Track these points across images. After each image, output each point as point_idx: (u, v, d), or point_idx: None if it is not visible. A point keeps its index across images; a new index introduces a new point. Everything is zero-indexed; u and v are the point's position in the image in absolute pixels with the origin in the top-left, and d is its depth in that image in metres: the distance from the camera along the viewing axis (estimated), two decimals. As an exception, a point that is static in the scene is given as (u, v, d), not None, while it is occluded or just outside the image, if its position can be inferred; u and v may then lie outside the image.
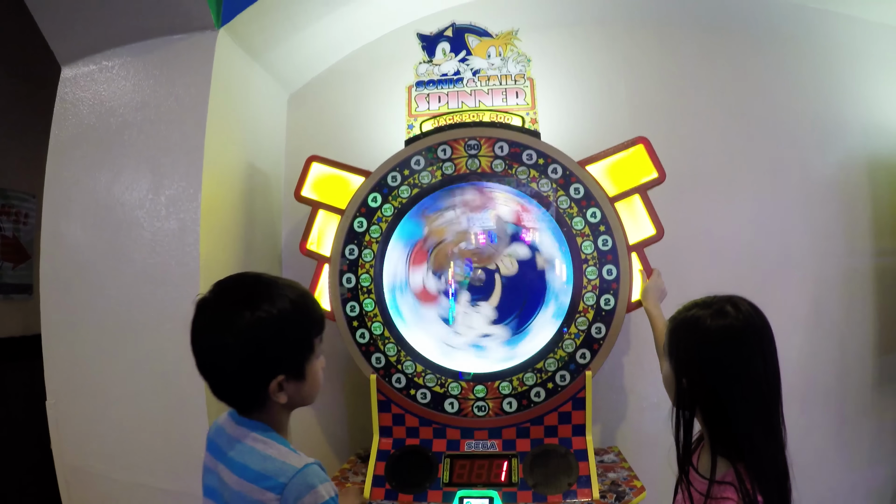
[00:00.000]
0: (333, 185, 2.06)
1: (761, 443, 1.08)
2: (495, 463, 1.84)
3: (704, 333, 1.13)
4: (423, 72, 2.07)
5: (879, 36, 2.40)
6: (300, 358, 1.10)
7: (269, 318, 1.04)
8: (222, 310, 1.06)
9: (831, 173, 2.41)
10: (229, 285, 1.10)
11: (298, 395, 1.11)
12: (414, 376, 1.91)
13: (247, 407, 1.10)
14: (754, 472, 1.07)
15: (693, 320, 1.16)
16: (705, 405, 1.14)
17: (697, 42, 2.48)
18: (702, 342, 1.14)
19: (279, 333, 1.05)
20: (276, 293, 1.07)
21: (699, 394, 1.14)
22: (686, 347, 1.17)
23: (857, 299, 2.38)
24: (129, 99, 2.07)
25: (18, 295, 3.07)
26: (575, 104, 2.45)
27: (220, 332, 1.04)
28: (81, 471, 2.05)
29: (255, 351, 1.03)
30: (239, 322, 1.02)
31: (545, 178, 1.91)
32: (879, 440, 2.37)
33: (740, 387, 1.10)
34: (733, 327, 1.11)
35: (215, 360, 1.06)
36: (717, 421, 1.13)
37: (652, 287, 1.86)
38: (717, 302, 1.16)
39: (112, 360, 2.00)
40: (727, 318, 1.12)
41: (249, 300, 1.05)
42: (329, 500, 1.02)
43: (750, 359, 1.11)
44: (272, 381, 1.05)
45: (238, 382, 1.07)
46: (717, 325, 1.12)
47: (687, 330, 1.17)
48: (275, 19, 2.18)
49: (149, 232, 1.98)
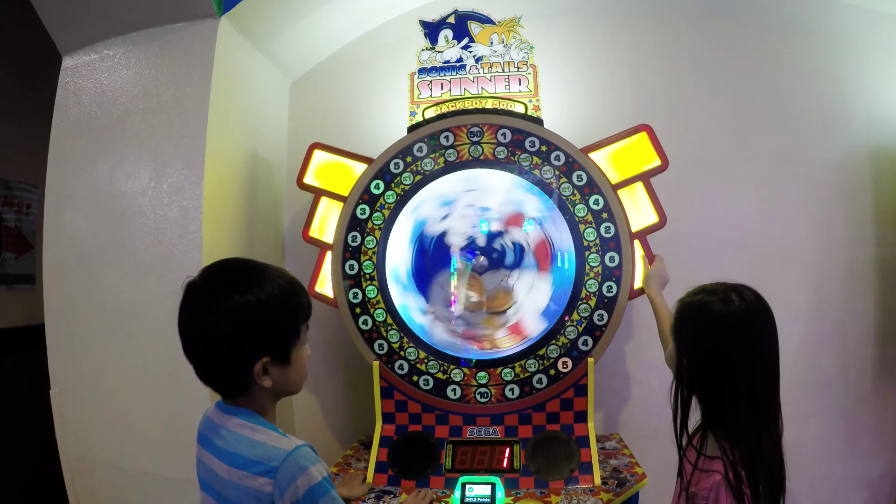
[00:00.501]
0: (336, 172, 2.06)
1: (750, 428, 1.13)
2: (497, 449, 1.85)
3: (707, 318, 1.18)
4: (425, 59, 2.07)
5: (883, 25, 2.38)
6: (286, 342, 1.10)
7: (257, 302, 1.04)
8: (211, 293, 1.06)
9: (834, 163, 2.41)
10: (217, 270, 1.11)
11: (284, 380, 1.11)
12: (416, 363, 1.92)
13: (232, 391, 1.10)
14: (740, 454, 1.11)
15: (698, 305, 1.21)
16: (702, 385, 1.20)
17: (700, 30, 2.47)
18: (704, 326, 1.19)
19: (266, 317, 1.05)
20: (264, 278, 1.08)
21: (697, 374, 1.20)
22: (689, 330, 1.22)
23: (858, 289, 2.39)
24: (131, 88, 2.06)
25: (21, 285, 3.08)
26: (578, 91, 2.44)
27: (207, 315, 1.04)
28: (86, 459, 2.06)
29: (242, 332, 1.03)
30: (227, 304, 1.03)
31: (548, 165, 1.91)
32: (880, 430, 2.38)
33: (736, 373, 1.14)
34: (735, 315, 1.16)
35: (203, 341, 1.06)
36: (712, 401, 1.18)
37: (654, 274, 1.86)
38: (723, 289, 1.20)
39: (115, 349, 2.01)
40: (731, 305, 1.17)
41: (237, 284, 1.05)
42: (322, 479, 1.02)
43: (748, 347, 1.15)
44: (257, 363, 1.05)
45: (225, 365, 1.07)
46: (720, 312, 1.17)
47: (691, 313, 1.22)
48: (276, 7, 2.18)
49: (151, 220, 1.98)
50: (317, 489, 1.01)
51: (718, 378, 1.16)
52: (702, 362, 1.19)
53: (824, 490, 2.34)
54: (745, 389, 1.14)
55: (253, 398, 1.10)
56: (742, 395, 1.13)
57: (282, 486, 0.99)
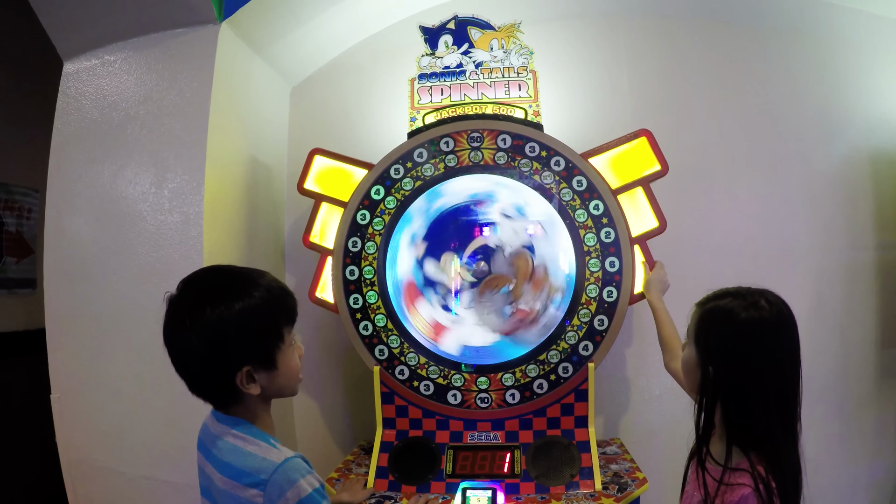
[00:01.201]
0: (336, 177, 2.06)
1: (780, 436, 1.09)
2: (498, 454, 1.85)
3: (737, 325, 1.12)
4: (425, 64, 2.07)
5: (883, 29, 2.39)
6: (268, 348, 1.07)
7: (230, 313, 1.02)
8: (185, 307, 1.04)
9: (834, 167, 2.41)
10: (193, 281, 1.09)
11: (273, 384, 1.09)
12: (417, 368, 1.92)
13: (222, 402, 1.09)
14: (770, 464, 1.07)
15: (726, 310, 1.14)
16: (728, 394, 1.13)
17: (700, 35, 2.48)
18: (733, 333, 1.13)
19: (243, 326, 1.03)
20: (240, 286, 1.06)
21: (725, 383, 1.13)
22: (716, 336, 1.15)
23: (858, 293, 2.39)
24: (132, 93, 2.07)
25: (22, 290, 3.08)
26: (577, 97, 2.45)
27: (181, 330, 1.03)
28: (86, 464, 2.05)
29: (216, 347, 1.02)
30: (199, 319, 1.01)
31: (548, 170, 1.91)
32: (881, 434, 2.38)
33: (767, 381, 1.09)
34: (767, 321, 1.11)
35: (182, 358, 1.05)
36: (738, 411, 1.12)
37: (655, 279, 1.86)
38: (750, 294, 1.15)
39: (116, 353, 2.01)
40: (762, 311, 1.12)
41: (211, 295, 1.03)
42: (312, 492, 1.00)
43: (780, 354, 1.11)
44: (238, 373, 1.04)
45: (206, 379, 1.06)
46: (750, 318, 1.11)
47: (718, 319, 1.16)
48: (277, 13, 2.18)
49: (152, 225, 1.99)
50: (306, 502, 1.00)
51: (748, 387, 1.10)
52: (731, 370, 1.12)
53: (825, 494, 2.33)
54: (774, 397, 1.09)
55: (244, 406, 1.09)
56: (772, 404, 1.09)
57: (272, 499, 0.98)
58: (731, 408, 1.13)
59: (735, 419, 1.13)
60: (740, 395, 1.12)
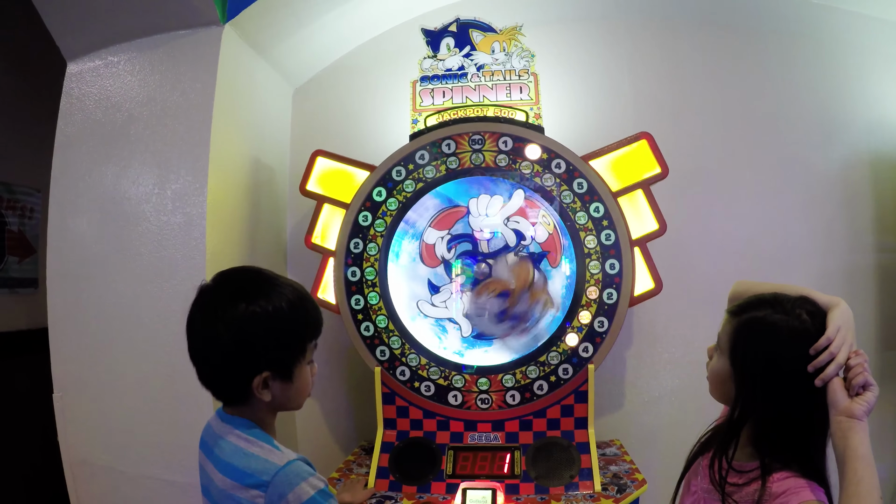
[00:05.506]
0: (338, 179, 2.07)
1: (816, 453, 1.06)
2: (498, 455, 1.85)
3: (780, 339, 1.07)
4: (427, 67, 2.08)
5: (883, 32, 2.39)
6: (289, 359, 1.09)
7: (263, 314, 1.03)
8: (219, 299, 1.06)
9: (834, 170, 2.41)
10: (231, 276, 1.11)
11: (284, 396, 1.10)
12: (418, 369, 1.93)
13: (230, 399, 1.11)
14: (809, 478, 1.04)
15: (768, 323, 1.08)
16: (767, 407, 1.08)
17: (701, 38, 2.48)
18: (776, 347, 1.07)
19: (270, 330, 1.05)
20: (274, 290, 1.07)
21: (762, 399, 1.08)
22: (757, 350, 1.09)
23: (859, 296, 2.38)
24: (135, 94, 2.08)
25: (24, 289, 3.09)
26: (578, 99, 2.46)
27: (212, 321, 1.04)
28: (88, 463, 2.06)
29: (243, 344, 1.03)
30: (232, 313, 1.03)
31: (549, 172, 1.92)
32: (881, 437, 2.38)
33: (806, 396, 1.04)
34: (809, 334, 1.05)
35: (204, 347, 1.07)
36: (772, 424, 1.08)
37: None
38: (789, 302, 1.10)
39: (118, 353, 2.02)
40: (804, 323, 1.06)
41: (247, 293, 1.05)
42: (315, 494, 1.00)
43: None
44: (256, 377, 1.05)
45: (223, 373, 1.07)
46: (794, 330, 1.06)
47: (759, 332, 1.10)
48: (280, 14, 2.19)
49: (155, 226, 2.00)
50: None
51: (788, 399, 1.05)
52: (773, 386, 1.06)
53: (825, 497, 2.33)
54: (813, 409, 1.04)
55: (252, 409, 1.10)
56: (814, 420, 1.04)
57: (273, 501, 0.99)
58: (765, 420, 1.09)
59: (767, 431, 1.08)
60: (779, 407, 1.07)
